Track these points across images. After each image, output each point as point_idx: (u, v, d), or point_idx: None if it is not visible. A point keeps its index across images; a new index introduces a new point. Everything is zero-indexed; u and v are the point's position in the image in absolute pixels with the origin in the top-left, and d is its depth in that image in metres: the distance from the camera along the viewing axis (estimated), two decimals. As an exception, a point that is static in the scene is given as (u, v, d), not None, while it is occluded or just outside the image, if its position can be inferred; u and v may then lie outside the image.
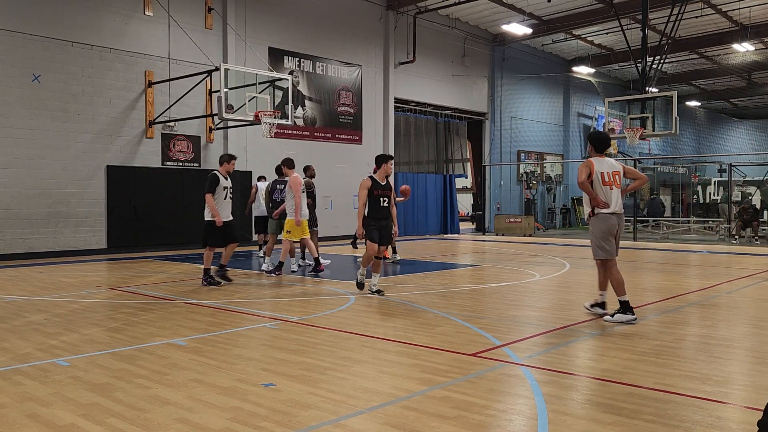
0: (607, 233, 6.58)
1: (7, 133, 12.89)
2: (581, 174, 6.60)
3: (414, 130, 22.27)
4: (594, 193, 6.57)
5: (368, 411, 3.73)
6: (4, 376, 4.49)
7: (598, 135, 6.85)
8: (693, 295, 8.32)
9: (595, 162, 6.64)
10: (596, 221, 6.63)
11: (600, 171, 6.59)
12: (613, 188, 6.60)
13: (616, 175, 6.63)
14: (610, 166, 6.68)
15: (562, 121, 29.15)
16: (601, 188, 6.59)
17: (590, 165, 6.61)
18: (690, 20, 21.90)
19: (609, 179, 6.59)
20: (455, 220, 23.32)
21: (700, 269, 11.70)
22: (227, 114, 13.11)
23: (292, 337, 5.70)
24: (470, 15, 22.50)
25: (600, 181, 6.57)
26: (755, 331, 6.12)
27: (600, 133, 6.98)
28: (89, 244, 14.02)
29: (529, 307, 7.49)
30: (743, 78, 31.67)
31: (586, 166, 6.62)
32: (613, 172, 6.64)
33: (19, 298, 8.02)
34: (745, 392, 4.15)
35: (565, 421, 3.57)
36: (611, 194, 6.58)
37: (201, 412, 3.73)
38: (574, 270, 11.23)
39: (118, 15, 14.46)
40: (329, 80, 18.91)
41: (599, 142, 6.76)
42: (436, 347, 5.31)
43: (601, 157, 6.74)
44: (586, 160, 6.83)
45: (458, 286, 9.12)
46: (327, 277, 10.32)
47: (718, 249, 16.43)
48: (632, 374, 4.50)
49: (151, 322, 6.48)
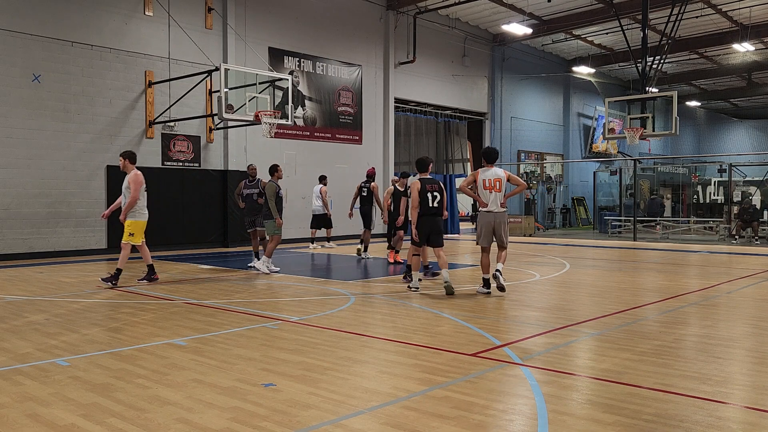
0: (485, 226, 8.34)
1: (7, 133, 12.89)
2: (464, 181, 8.70)
3: (414, 130, 22.27)
4: (476, 196, 8.47)
5: (368, 411, 3.73)
6: (4, 376, 4.49)
7: (486, 150, 8.62)
8: (693, 295, 8.32)
9: (481, 171, 8.46)
10: (479, 216, 8.58)
11: (483, 178, 8.36)
12: (492, 192, 8.29)
13: (497, 182, 8.33)
14: (494, 174, 8.37)
15: (562, 121, 29.15)
16: (483, 192, 8.35)
17: (475, 174, 8.49)
18: (690, 20, 21.90)
19: (489, 185, 8.31)
20: (455, 220, 23.31)
21: (700, 269, 11.70)
22: (227, 114, 13.11)
23: (292, 337, 5.71)
24: (470, 15, 22.51)
25: (482, 186, 8.35)
26: (755, 331, 6.12)
27: (488, 148, 8.69)
28: (89, 244, 14.02)
29: (529, 307, 7.49)
30: (743, 78, 31.67)
31: (472, 175, 8.60)
32: (495, 179, 8.33)
33: (19, 298, 8.02)
34: (745, 392, 4.15)
35: (565, 421, 3.57)
36: (490, 196, 8.29)
37: (201, 412, 3.73)
38: (574, 270, 11.23)
39: (118, 15, 14.46)
40: (329, 80, 18.91)
41: (488, 155, 8.55)
42: (436, 347, 5.31)
43: (489, 167, 8.48)
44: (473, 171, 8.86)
45: (458, 286, 9.12)
46: (325, 277, 10.31)
47: (718, 249, 16.43)
48: (632, 374, 4.50)
49: (151, 322, 6.48)
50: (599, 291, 8.76)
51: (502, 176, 8.35)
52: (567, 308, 7.41)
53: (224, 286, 9.21)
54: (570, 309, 7.36)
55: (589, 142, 30.72)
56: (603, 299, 7.98)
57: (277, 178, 11.00)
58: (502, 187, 8.35)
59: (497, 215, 8.27)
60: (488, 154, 8.54)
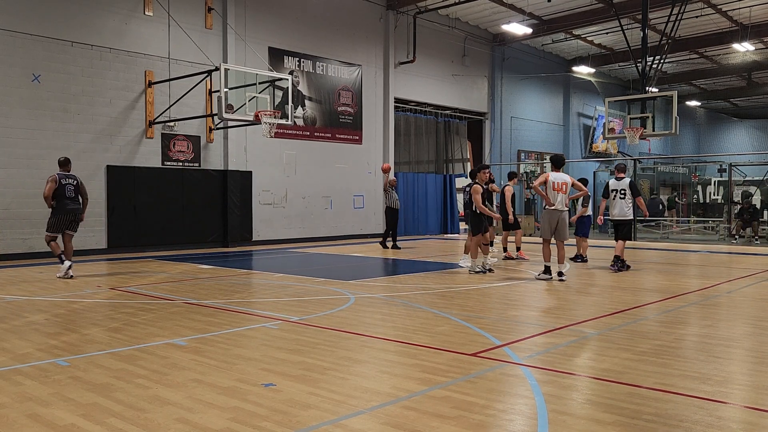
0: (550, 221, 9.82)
1: (7, 133, 12.89)
2: (536, 181, 10.03)
3: (414, 130, 22.26)
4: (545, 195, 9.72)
5: (368, 411, 3.73)
6: (4, 376, 4.49)
7: (555, 157, 9.91)
8: (693, 295, 8.32)
9: (551, 174, 9.71)
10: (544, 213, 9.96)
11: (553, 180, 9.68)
12: (559, 194, 9.65)
13: (563, 185, 9.66)
14: (562, 178, 9.74)
15: (562, 121, 29.14)
16: (551, 192, 9.67)
17: (546, 176, 9.72)
18: (690, 20, 21.89)
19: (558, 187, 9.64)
20: (455, 220, 23.31)
21: (700, 269, 11.70)
22: (227, 114, 13.11)
23: (292, 337, 5.70)
24: (470, 15, 22.50)
25: (551, 187, 9.68)
26: (755, 331, 6.12)
27: (556, 155, 9.94)
28: (89, 244, 14.02)
29: (529, 307, 7.49)
30: (743, 78, 31.65)
31: (543, 176, 9.87)
32: (562, 182, 9.68)
33: (19, 298, 8.02)
34: (745, 392, 4.15)
35: (565, 421, 3.57)
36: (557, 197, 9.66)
37: (201, 412, 3.73)
38: (574, 270, 11.23)
39: (118, 15, 14.46)
40: (329, 80, 18.91)
41: (556, 162, 9.89)
42: (436, 347, 5.31)
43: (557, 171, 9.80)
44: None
45: (458, 286, 9.12)
46: (324, 276, 10.31)
47: (718, 249, 16.43)
48: (632, 374, 4.49)
49: (151, 322, 6.48)
50: (599, 291, 8.76)
51: (569, 181, 9.79)
52: (567, 308, 7.41)
53: (224, 286, 9.21)
54: (570, 309, 7.36)
55: (589, 142, 30.72)
56: (603, 299, 7.98)
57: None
58: (568, 190, 9.76)
59: (561, 214, 9.68)
60: (557, 160, 9.91)
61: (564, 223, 9.76)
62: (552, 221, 9.72)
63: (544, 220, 9.84)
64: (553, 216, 9.71)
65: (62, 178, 10.22)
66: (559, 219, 9.70)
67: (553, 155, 10.08)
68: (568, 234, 9.88)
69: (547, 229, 9.77)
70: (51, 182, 10.10)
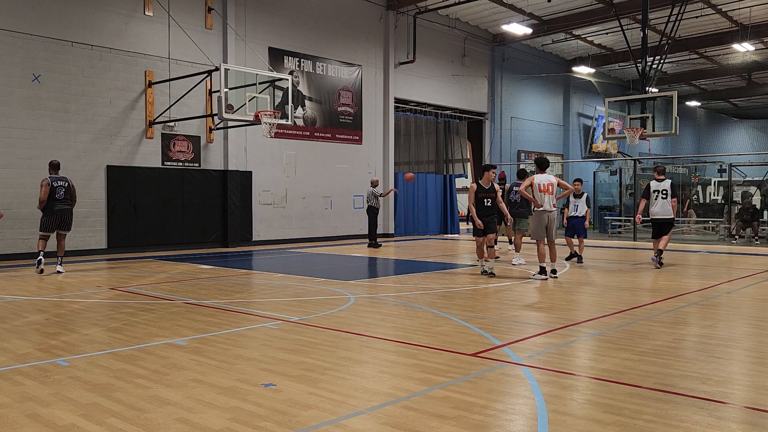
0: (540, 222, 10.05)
1: (7, 133, 12.89)
2: (522, 185, 10.22)
3: (414, 130, 22.26)
4: (533, 198, 9.96)
5: (368, 411, 3.73)
6: (4, 376, 4.49)
7: (539, 159, 10.24)
8: (693, 295, 8.32)
9: (536, 177, 9.99)
10: (534, 215, 10.22)
11: (538, 182, 9.92)
12: (546, 194, 9.95)
13: (549, 186, 9.93)
14: (547, 179, 9.96)
15: (562, 121, 29.15)
16: (538, 194, 9.92)
17: (531, 179, 9.94)
18: (690, 20, 21.90)
19: (544, 188, 9.90)
20: (455, 220, 23.31)
21: (700, 269, 11.70)
22: (227, 114, 13.11)
23: (292, 337, 5.70)
24: (470, 15, 22.50)
25: (537, 189, 9.95)
26: (755, 331, 6.12)
27: (540, 158, 10.24)
28: (89, 244, 14.02)
29: (529, 308, 7.49)
30: (743, 78, 31.66)
31: (529, 180, 10.06)
32: (548, 183, 9.97)
33: (19, 298, 8.02)
34: (745, 392, 4.15)
35: (565, 421, 3.57)
36: (544, 198, 9.98)
37: (201, 412, 3.73)
38: (574, 270, 11.23)
39: (118, 15, 14.46)
40: (329, 80, 18.91)
41: (540, 164, 10.19)
42: (436, 347, 5.31)
43: (542, 173, 10.09)
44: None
45: (458, 286, 9.12)
46: (324, 276, 10.31)
47: (718, 249, 16.43)
48: (632, 374, 4.49)
49: (151, 322, 6.48)
50: (599, 291, 8.76)
51: (554, 181, 10.07)
52: (567, 308, 7.42)
53: (224, 286, 9.21)
54: (570, 309, 7.36)
55: (589, 142, 30.71)
56: (603, 299, 7.98)
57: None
58: (554, 190, 10.04)
59: (550, 214, 9.96)
60: (541, 162, 10.24)
61: (553, 223, 10.06)
62: (542, 222, 9.99)
63: (535, 222, 10.10)
64: (542, 217, 9.99)
65: (54, 181, 10.68)
66: (549, 219, 9.98)
67: (537, 157, 10.45)
68: (555, 234, 10.18)
69: (539, 231, 10.03)
70: (45, 186, 10.57)
